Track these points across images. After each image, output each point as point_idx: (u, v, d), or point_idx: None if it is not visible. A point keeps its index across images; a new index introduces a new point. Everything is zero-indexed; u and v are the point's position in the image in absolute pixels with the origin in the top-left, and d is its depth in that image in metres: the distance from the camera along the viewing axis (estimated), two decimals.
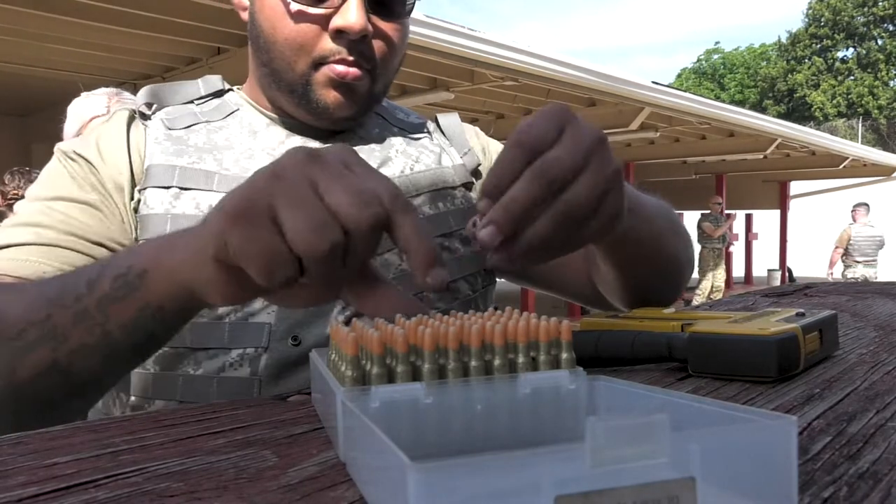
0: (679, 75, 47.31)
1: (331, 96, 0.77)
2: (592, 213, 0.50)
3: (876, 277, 9.01)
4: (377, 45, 0.77)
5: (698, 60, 47.33)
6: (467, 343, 0.39)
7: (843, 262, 9.27)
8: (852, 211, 9.45)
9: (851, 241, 9.11)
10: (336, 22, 0.74)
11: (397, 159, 0.85)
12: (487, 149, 0.97)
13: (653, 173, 11.15)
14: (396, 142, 0.87)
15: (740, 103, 34.88)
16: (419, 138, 0.90)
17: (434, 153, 0.89)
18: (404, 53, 0.85)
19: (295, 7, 0.74)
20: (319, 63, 0.76)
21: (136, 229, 0.75)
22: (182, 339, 0.71)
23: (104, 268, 0.55)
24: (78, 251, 0.71)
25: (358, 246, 0.43)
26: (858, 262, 9.09)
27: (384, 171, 0.82)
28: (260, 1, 0.78)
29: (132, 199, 0.76)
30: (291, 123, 0.83)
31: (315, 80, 0.76)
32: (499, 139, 0.98)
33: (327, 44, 0.75)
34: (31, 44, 4.15)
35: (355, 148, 0.82)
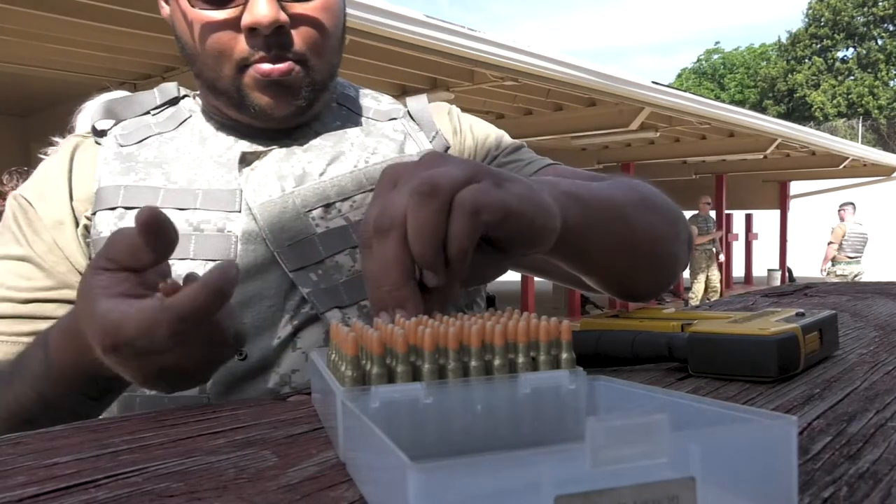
0: (679, 75, 47.32)
1: (264, 99, 0.74)
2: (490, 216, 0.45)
3: (862, 273, 9.32)
4: (301, 32, 0.73)
5: (698, 60, 47.34)
6: (467, 343, 0.39)
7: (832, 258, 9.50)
8: (840, 210, 9.66)
9: (846, 238, 9.34)
10: (245, 20, 0.71)
11: (351, 153, 0.81)
12: (460, 128, 0.91)
13: (653, 173, 11.14)
14: (353, 134, 0.83)
15: (740, 103, 34.88)
16: (382, 127, 0.85)
17: (396, 141, 0.84)
18: (342, 31, 0.80)
19: (203, 14, 0.72)
20: (243, 66, 0.73)
21: (88, 256, 0.75)
22: None
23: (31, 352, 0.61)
24: (5, 316, 0.72)
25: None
26: (851, 258, 9.35)
27: (336, 167, 0.79)
28: (176, 16, 0.76)
29: (77, 225, 0.76)
30: (239, 127, 0.81)
31: (245, 84, 0.74)
32: None
33: (244, 45, 0.72)
34: (31, 44, 4.14)
35: (305, 145, 0.80)
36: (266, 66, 0.72)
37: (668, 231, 0.73)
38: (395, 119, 0.87)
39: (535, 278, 8.66)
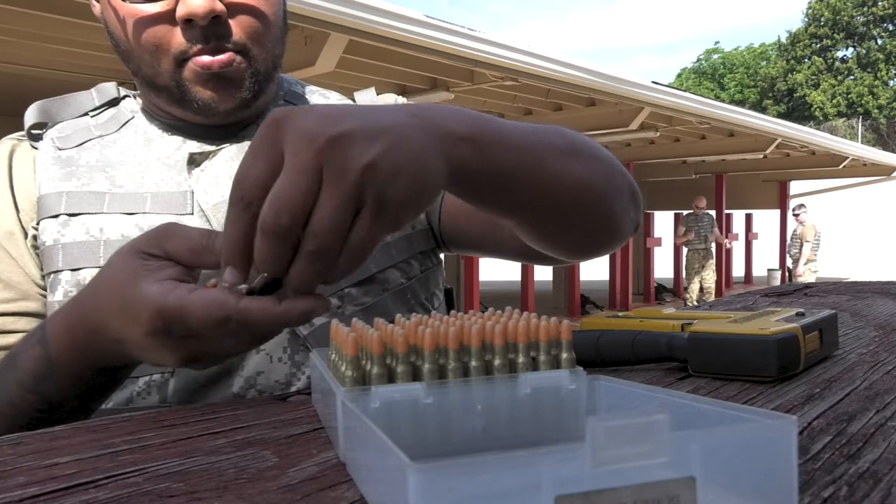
0: (679, 75, 47.32)
1: (206, 93, 0.72)
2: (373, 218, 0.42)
3: (818, 272, 9.73)
4: (240, 21, 0.71)
5: (698, 60, 47.34)
6: (467, 343, 0.39)
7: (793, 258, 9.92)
8: (797, 213, 10.05)
9: (816, 237, 9.78)
10: (180, 11, 0.68)
11: None
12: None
13: (653, 173, 11.15)
14: None
15: (740, 103, 34.88)
16: None
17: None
18: (284, 18, 0.77)
19: (135, 8, 0.69)
20: (182, 60, 0.70)
21: (39, 266, 0.73)
22: None
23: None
24: None
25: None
26: (815, 256, 9.77)
27: None
28: (107, 12, 0.73)
29: (26, 236, 0.74)
30: (185, 126, 0.78)
31: (185, 78, 0.71)
32: None
33: (181, 38, 0.69)
34: (30, 44, 4.14)
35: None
36: (205, 59, 0.70)
37: (606, 180, 0.65)
38: None
39: (535, 277, 8.66)
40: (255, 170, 0.43)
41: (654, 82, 6.25)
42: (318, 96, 0.87)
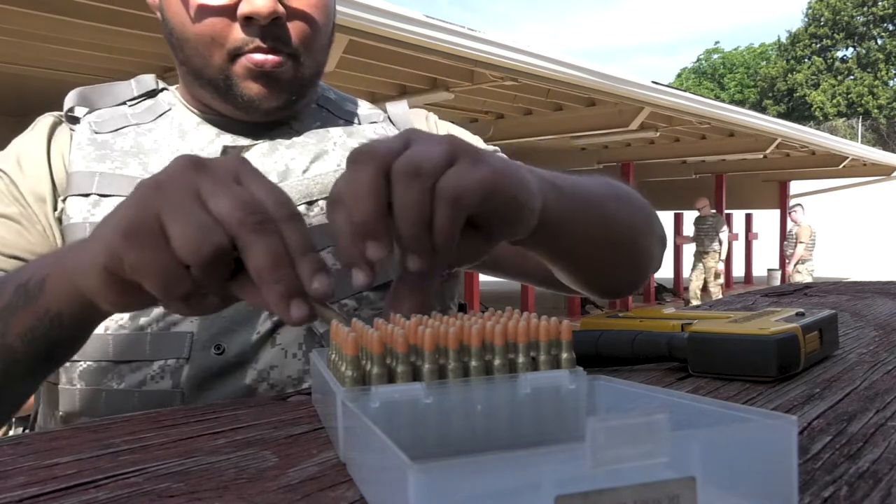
0: (679, 75, 47.32)
1: (254, 88, 0.74)
2: (483, 202, 0.46)
3: (814, 272, 9.77)
4: (295, 26, 0.73)
5: (698, 60, 47.34)
6: (467, 343, 0.39)
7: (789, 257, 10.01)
8: (792, 212, 10.13)
9: (811, 237, 9.83)
10: (243, 8, 0.70)
11: (334, 153, 0.80)
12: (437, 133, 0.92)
13: (653, 173, 11.14)
14: (336, 134, 0.82)
15: (740, 103, 34.88)
16: (364, 130, 0.85)
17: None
18: (332, 30, 0.80)
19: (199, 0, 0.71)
20: (235, 55, 0.72)
21: (61, 240, 0.73)
22: (105, 352, 0.69)
23: (6, 280, 0.57)
24: None
25: (244, 251, 0.42)
26: (811, 255, 9.81)
27: (319, 164, 0.79)
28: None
29: (55, 209, 0.74)
30: (221, 121, 0.80)
31: (234, 73, 0.73)
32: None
33: (239, 34, 0.71)
34: (31, 44, 4.14)
35: (289, 141, 0.79)
36: (259, 57, 0.72)
37: (643, 226, 0.74)
38: (375, 123, 0.87)
39: None
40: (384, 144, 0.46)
41: (654, 82, 6.25)
42: (349, 103, 0.89)
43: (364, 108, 0.89)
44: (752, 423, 0.29)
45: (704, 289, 9.61)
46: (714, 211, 9.93)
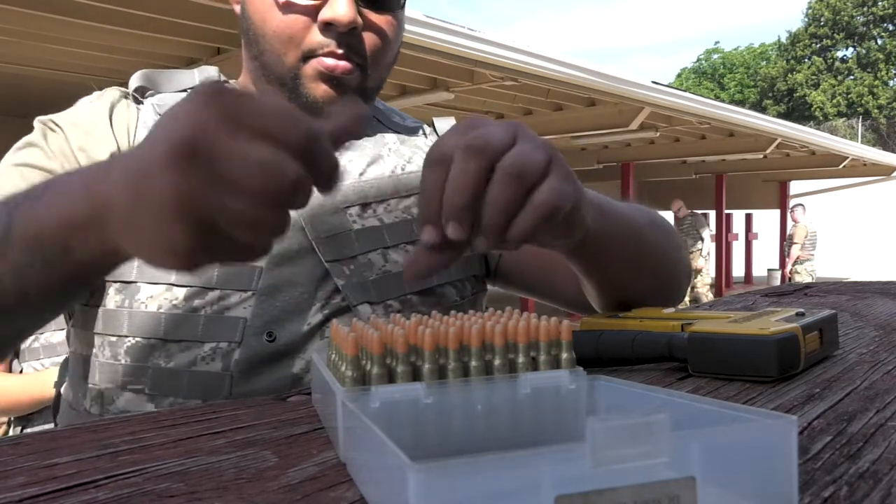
0: (679, 75, 47.32)
1: (320, 90, 0.76)
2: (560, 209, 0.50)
3: (815, 272, 9.82)
4: (368, 38, 0.76)
5: (698, 60, 47.34)
6: (467, 343, 0.39)
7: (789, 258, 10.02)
8: (791, 211, 10.20)
9: (808, 237, 9.88)
10: (325, 14, 0.73)
11: (389, 158, 0.84)
12: None
13: (653, 173, 11.14)
14: (390, 140, 0.86)
15: (740, 103, 34.88)
16: (415, 140, 0.89)
17: None
18: (398, 49, 0.83)
19: None
20: (309, 56, 0.75)
21: None
22: (155, 330, 0.70)
23: (10, 222, 0.49)
24: None
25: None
26: (812, 255, 9.87)
27: (375, 168, 0.82)
28: None
29: None
30: None
31: (304, 73, 0.75)
32: None
33: (316, 36, 0.74)
34: (31, 44, 4.14)
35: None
36: (331, 62, 0.74)
37: (675, 258, 0.81)
38: (425, 136, 0.91)
39: None
40: (496, 133, 0.49)
41: (654, 82, 6.25)
42: (396, 115, 0.93)
43: (410, 121, 0.94)
44: (752, 423, 0.29)
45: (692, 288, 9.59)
46: (691, 211, 9.88)
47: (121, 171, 0.42)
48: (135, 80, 0.82)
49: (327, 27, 0.73)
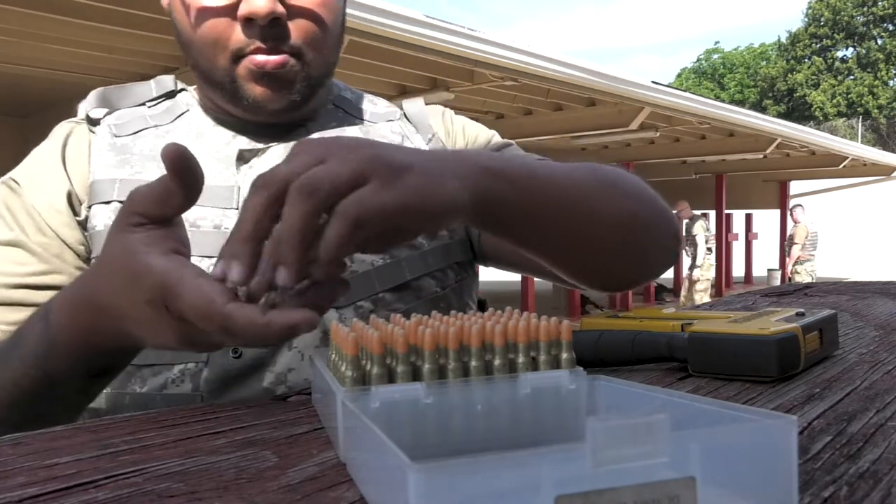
0: (679, 75, 47.31)
1: (257, 90, 0.73)
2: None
3: (815, 272, 9.76)
4: (299, 25, 0.73)
5: (698, 60, 47.34)
6: (467, 343, 0.39)
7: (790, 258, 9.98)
8: (791, 211, 10.13)
9: (808, 237, 9.81)
10: (242, 10, 0.70)
11: None
12: (452, 129, 0.90)
13: (653, 173, 11.14)
14: (351, 134, 0.82)
15: (740, 103, 34.87)
16: (380, 128, 0.85)
17: (393, 143, 0.82)
18: (342, 29, 0.79)
19: (200, 1, 0.71)
20: (238, 56, 0.72)
21: (89, 247, 0.74)
22: None
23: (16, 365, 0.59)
24: None
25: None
26: (812, 255, 9.80)
27: None
28: (174, 2, 0.75)
29: (77, 214, 0.75)
30: (235, 123, 0.80)
31: (239, 74, 0.73)
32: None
33: (240, 35, 0.71)
34: (31, 44, 4.14)
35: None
36: (261, 58, 0.72)
37: (641, 217, 0.69)
38: (392, 121, 0.87)
39: (535, 279, 8.65)
40: (300, 167, 0.45)
41: (654, 82, 6.25)
42: (366, 102, 0.89)
43: (381, 105, 0.89)
44: (752, 423, 0.29)
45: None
46: (691, 214, 9.70)
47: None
48: (89, 103, 0.81)
49: (248, 23, 0.71)
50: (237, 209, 0.74)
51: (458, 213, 0.50)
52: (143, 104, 0.82)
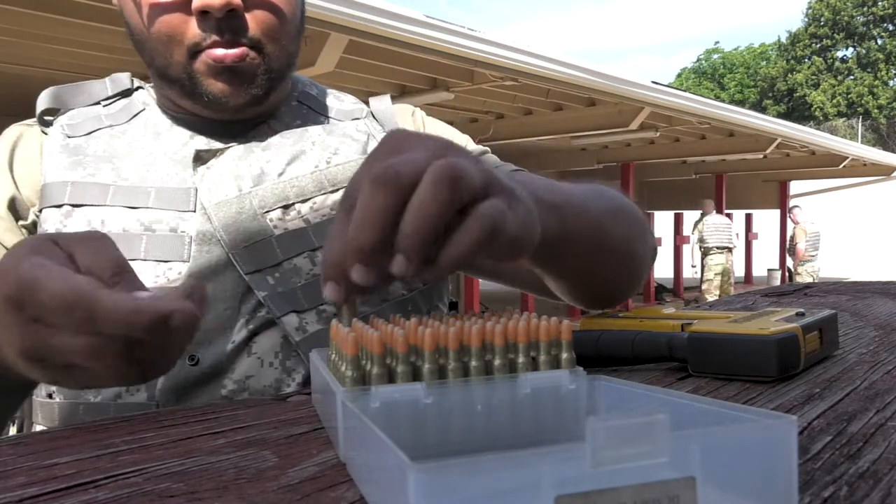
0: (679, 75, 47.31)
1: (217, 86, 0.71)
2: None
3: (819, 272, 9.80)
4: (257, 16, 0.70)
5: (698, 60, 47.34)
6: (467, 343, 0.39)
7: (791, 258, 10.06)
8: (789, 212, 10.23)
9: (808, 238, 9.89)
10: (196, 2, 0.67)
11: (312, 153, 0.77)
12: (423, 131, 0.86)
13: (653, 173, 11.15)
14: (314, 132, 0.79)
15: (740, 103, 34.87)
16: (345, 127, 0.82)
17: (359, 142, 0.80)
18: (301, 18, 0.77)
19: None
20: (195, 51, 0.70)
21: None
22: None
23: None
24: None
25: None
26: (813, 255, 9.87)
27: (297, 165, 0.75)
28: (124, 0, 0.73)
29: (23, 219, 0.73)
30: (194, 121, 0.77)
31: (197, 70, 0.71)
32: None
33: (195, 29, 0.69)
34: (31, 44, 4.14)
35: (264, 143, 0.76)
36: (219, 52, 0.69)
37: (637, 237, 0.72)
38: (357, 119, 0.84)
39: None
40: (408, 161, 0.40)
41: (654, 82, 6.25)
42: (332, 98, 0.86)
43: (348, 102, 0.86)
44: (752, 423, 0.29)
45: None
46: (712, 213, 9.83)
47: None
48: (41, 102, 0.79)
49: (203, 16, 0.68)
50: (194, 212, 0.72)
51: (534, 245, 0.47)
52: (98, 103, 0.80)
